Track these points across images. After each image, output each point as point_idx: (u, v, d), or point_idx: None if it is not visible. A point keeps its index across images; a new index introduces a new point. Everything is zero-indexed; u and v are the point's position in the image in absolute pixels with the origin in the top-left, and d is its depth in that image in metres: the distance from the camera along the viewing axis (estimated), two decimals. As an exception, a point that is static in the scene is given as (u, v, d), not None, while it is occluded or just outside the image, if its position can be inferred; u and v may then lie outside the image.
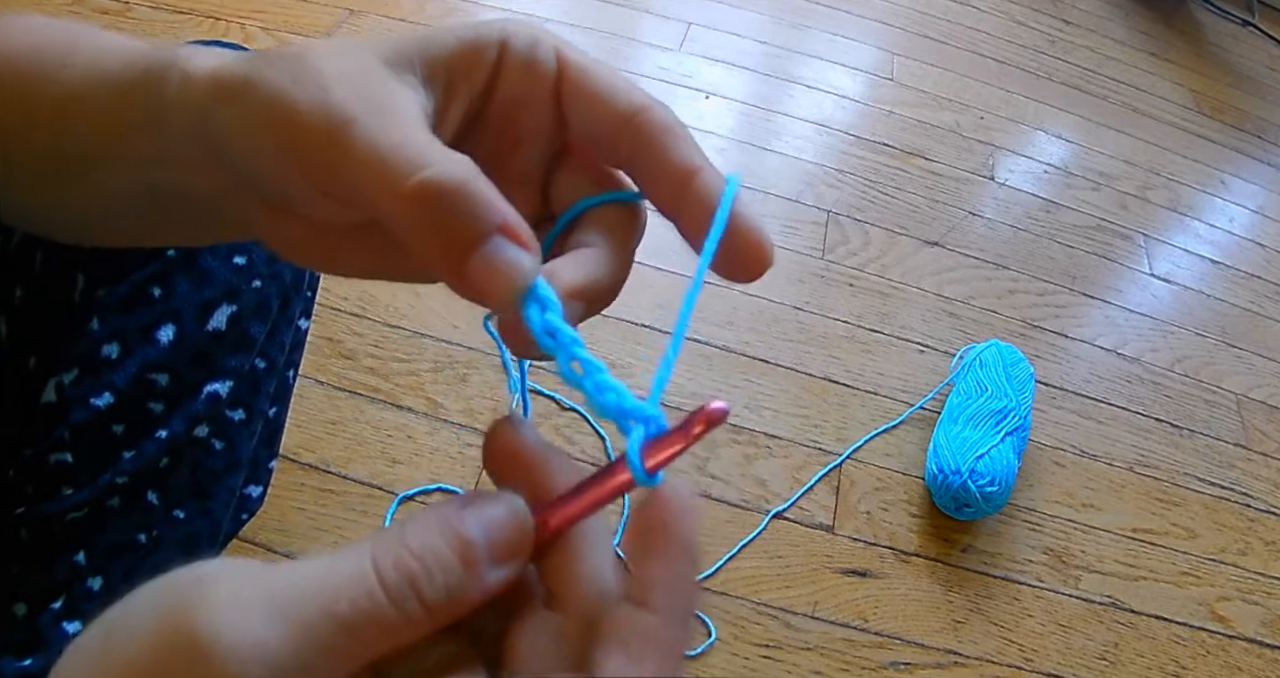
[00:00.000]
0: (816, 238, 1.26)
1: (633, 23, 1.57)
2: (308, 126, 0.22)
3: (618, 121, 0.25)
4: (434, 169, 0.21)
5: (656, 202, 0.25)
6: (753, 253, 0.24)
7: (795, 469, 0.98)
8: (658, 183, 0.25)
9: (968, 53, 1.76)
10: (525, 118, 0.26)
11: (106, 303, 0.44)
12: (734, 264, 0.25)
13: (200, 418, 0.48)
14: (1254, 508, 1.10)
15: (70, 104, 0.27)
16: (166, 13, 1.33)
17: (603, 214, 0.26)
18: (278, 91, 0.22)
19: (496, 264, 0.21)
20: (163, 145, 0.26)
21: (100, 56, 0.27)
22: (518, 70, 0.25)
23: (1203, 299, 1.38)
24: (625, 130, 0.25)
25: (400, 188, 0.21)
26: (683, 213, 0.25)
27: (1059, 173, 1.53)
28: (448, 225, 0.21)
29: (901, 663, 0.86)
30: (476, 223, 0.21)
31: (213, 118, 0.24)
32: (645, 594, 0.21)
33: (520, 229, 0.22)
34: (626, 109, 0.25)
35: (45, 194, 0.31)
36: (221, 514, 0.52)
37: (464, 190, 0.21)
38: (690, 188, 0.24)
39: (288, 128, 0.22)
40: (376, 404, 0.93)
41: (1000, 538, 0.98)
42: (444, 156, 0.21)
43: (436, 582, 0.19)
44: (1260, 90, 1.98)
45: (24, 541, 0.44)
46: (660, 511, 0.22)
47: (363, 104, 0.22)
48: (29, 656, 0.43)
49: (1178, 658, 0.93)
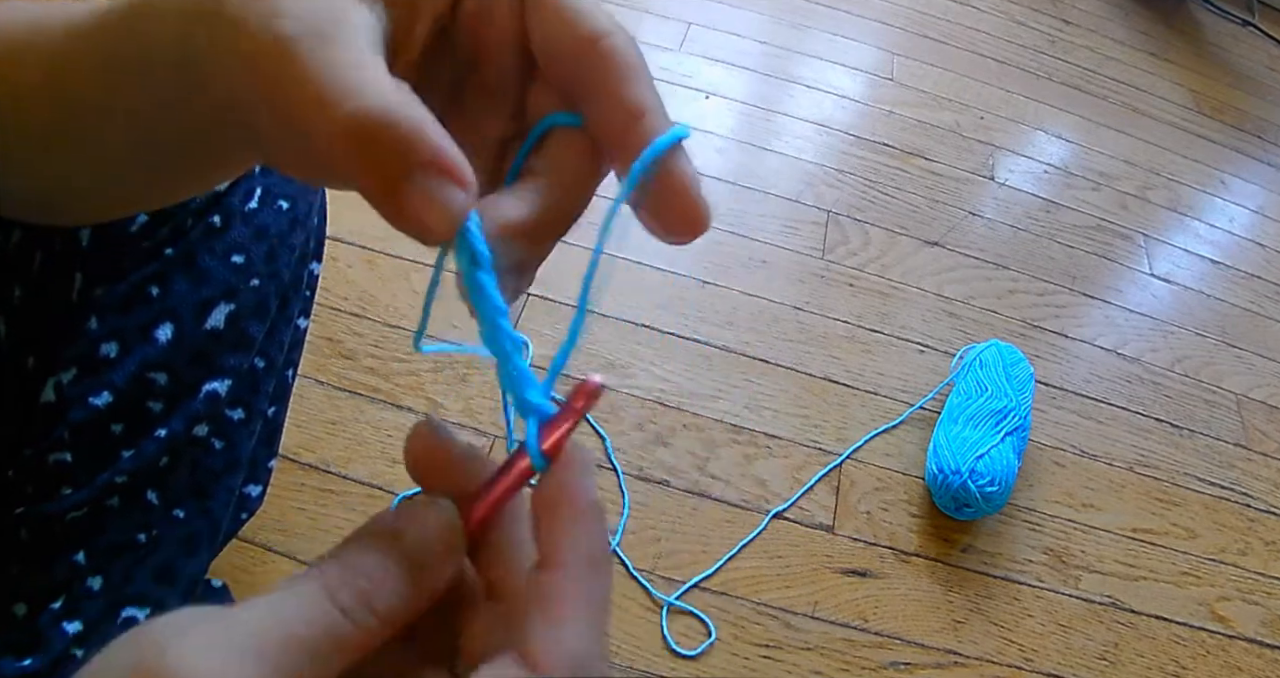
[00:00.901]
0: (816, 238, 1.26)
1: (633, 23, 1.57)
2: (259, 50, 0.21)
3: (577, 44, 0.23)
4: (365, 99, 0.20)
5: (598, 135, 0.24)
6: (685, 210, 0.23)
7: (795, 469, 0.98)
8: (604, 116, 0.23)
9: (968, 53, 1.76)
10: (490, 29, 0.24)
11: (105, 302, 0.44)
12: (664, 219, 0.23)
13: (199, 417, 0.48)
14: (1254, 508, 1.09)
15: (58, 67, 0.27)
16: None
17: (562, 138, 0.24)
18: (239, 12, 0.21)
19: (425, 199, 0.20)
20: (154, 83, 0.25)
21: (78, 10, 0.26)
22: None
23: (1203, 299, 1.38)
24: (583, 55, 0.23)
25: (333, 116, 0.20)
26: (621, 152, 0.23)
27: (1059, 173, 1.53)
28: (378, 157, 0.20)
29: (901, 663, 0.86)
30: (407, 155, 0.20)
31: (192, 41, 0.23)
32: (551, 556, 0.21)
33: (454, 162, 0.21)
34: (588, 33, 0.23)
35: (50, 165, 0.30)
36: (221, 514, 0.52)
37: (392, 119, 0.20)
38: (634, 128, 0.23)
39: (245, 51, 0.21)
40: (376, 404, 0.93)
41: (1000, 538, 0.98)
42: (378, 85, 0.20)
43: (385, 591, 0.20)
44: (1260, 90, 1.98)
45: (24, 540, 0.44)
46: (556, 474, 0.22)
47: (308, 25, 0.21)
48: (29, 656, 0.43)
49: (1178, 658, 0.93)
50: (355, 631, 0.19)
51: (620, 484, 0.92)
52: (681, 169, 0.23)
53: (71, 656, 0.44)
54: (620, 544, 0.88)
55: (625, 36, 0.23)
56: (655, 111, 0.23)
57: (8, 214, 0.34)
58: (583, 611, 0.21)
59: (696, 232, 0.23)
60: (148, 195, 0.33)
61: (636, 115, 0.23)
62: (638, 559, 0.87)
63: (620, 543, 0.88)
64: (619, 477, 0.93)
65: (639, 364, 1.03)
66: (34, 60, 0.27)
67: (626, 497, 0.91)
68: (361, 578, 0.20)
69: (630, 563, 0.87)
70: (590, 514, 0.22)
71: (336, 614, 0.19)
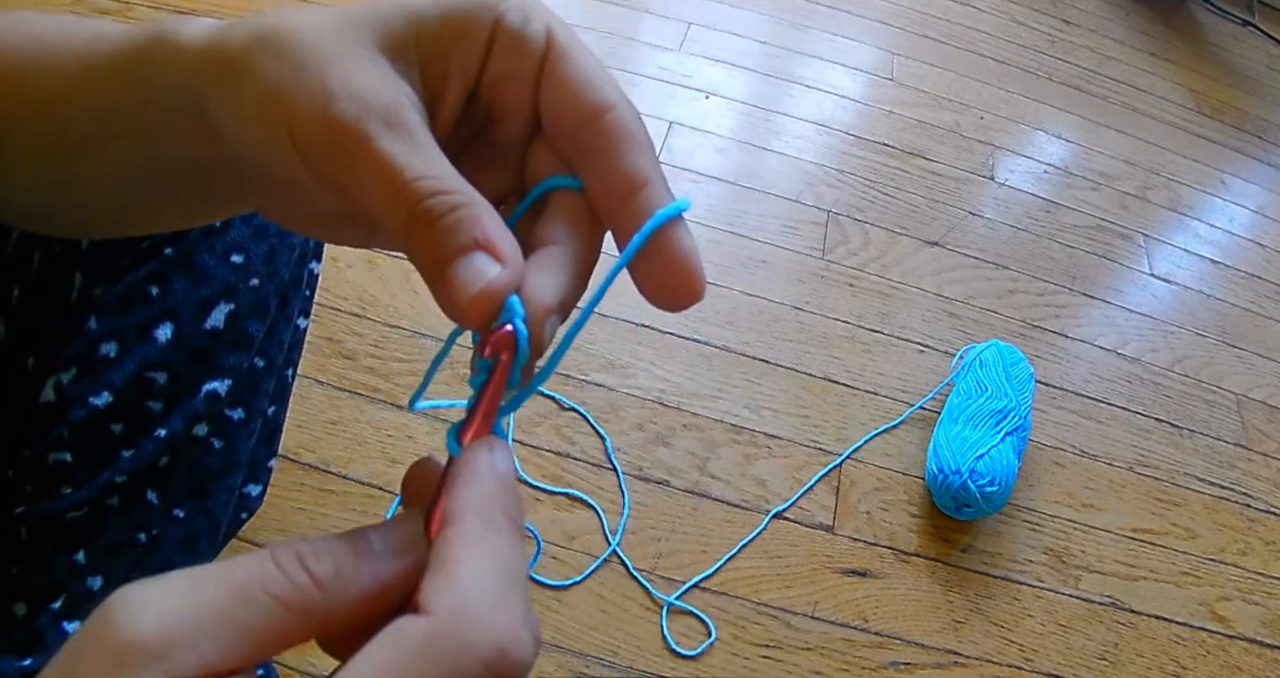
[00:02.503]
0: (816, 238, 1.26)
1: (633, 23, 1.57)
2: (309, 130, 0.22)
3: (585, 114, 0.24)
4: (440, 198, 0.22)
5: (597, 201, 0.24)
6: (684, 284, 0.24)
7: (795, 469, 0.98)
8: (605, 183, 0.24)
9: (968, 53, 1.76)
10: (510, 93, 0.25)
11: (104, 302, 0.44)
12: (663, 290, 0.24)
13: (199, 417, 0.48)
14: (1254, 508, 1.09)
15: (68, 89, 0.27)
16: (166, 12, 1.33)
17: (569, 203, 0.25)
18: (275, 84, 0.22)
19: (466, 273, 0.22)
20: (160, 120, 0.26)
21: (93, 42, 0.27)
22: (508, 46, 0.24)
23: (1203, 299, 1.38)
24: (589, 124, 0.24)
25: (406, 208, 0.22)
26: (619, 220, 0.24)
27: (1059, 173, 1.53)
28: (437, 240, 0.22)
29: (901, 663, 0.86)
30: (461, 237, 0.22)
31: (206, 98, 0.24)
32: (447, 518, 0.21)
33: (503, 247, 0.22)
34: (596, 104, 0.24)
35: (50, 181, 0.31)
36: (221, 513, 0.52)
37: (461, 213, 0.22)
38: (634, 197, 0.23)
39: (286, 125, 0.22)
40: (376, 404, 0.93)
41: (1000, 538, 0.98)
42: (452, 183, 0.22)
43: (323, 558, 0.20)
44: (1260, 90, 1.98)
45: (24, 540, 0.44)
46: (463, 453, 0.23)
47: (366, 108, 0.22)
48: (29, 656, 0.43)
49: (1178, 658, 0.93)
50: (288, 585, 0.20)
51: (620, 484, 0.92)
52: (682, 243, 0.23)
53: (71, 655, 0.44)
54: (620, 544, 0.88)
55: (631, 110, 0.24)
56: (656, 183, 0.24)
57: (12, 222, 0.34)
58: (471, 561, 0.20)
59: (691, 302, 0.24)
60: (146, 222, 0.34)
61: (638, 185, 0.23)
62: (638, 559, 0.87)
63: (620, 543, 0.88)
64: (619, 477, 0.93)
65: (639, 364, 1.03)
66: (45, 82, 0.28)
67: (626, 497, 0.91)
68: (303, 545, 0.21)
69: (630, 563, 0.87)
70: (484, 477, 0.22)
71: (271, 566, 0.20)
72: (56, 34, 0.28)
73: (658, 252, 0.23)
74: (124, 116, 0.27)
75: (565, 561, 0.86)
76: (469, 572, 0.20)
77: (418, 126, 0.22)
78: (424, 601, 0.20)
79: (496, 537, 0.21)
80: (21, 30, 0.29)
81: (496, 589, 0.20)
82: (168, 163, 0.28)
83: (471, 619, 0.19)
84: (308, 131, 0.22)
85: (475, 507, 0.21)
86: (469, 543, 0.21)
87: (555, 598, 0.83)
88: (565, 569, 0.85)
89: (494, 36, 0.24)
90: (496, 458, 0.23)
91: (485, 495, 0.22)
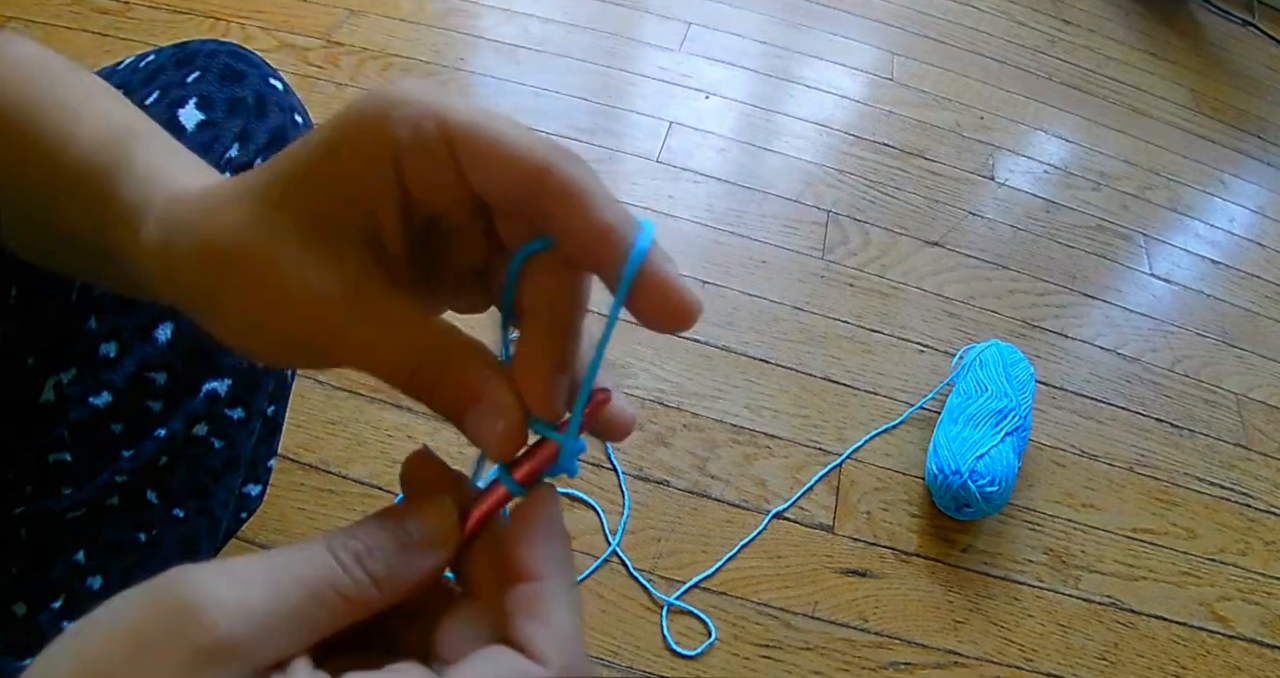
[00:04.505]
0: (816, 238, 1.26)
1: (633, 23, 1.57)
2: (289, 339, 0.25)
3: (522, 182, 0.23)
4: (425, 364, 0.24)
5: (574, 255, 0.25)
6: (677, 306, 0.25)
7: (795, 469, 0.98)
8: (575, 238, 0.24)
9: (968, 53, 1.76)
10: (439, 196, 0.25)
11: (104, 302, 0.44)
12: (659, 317, 0.25)
13: (199, 416, 0.48)
14: (1254, 508, 1.09)
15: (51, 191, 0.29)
16: (166, 12, 1.33)
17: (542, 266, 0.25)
18: (243, 308, 0.25)
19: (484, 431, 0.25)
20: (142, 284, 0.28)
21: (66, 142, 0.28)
22: (415, 162, 0.24)
23: (1203, 299, 1.38)
24: (531, 191, 0.23)
25: (403, 382, 0.25)
26: (600, 267, 0.25)
27: (1059, 173, 1.53)
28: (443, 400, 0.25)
29: (901, 663, 0.86)
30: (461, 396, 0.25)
31: (188, 303, 0.26)
32: (535, 568, 0.24)
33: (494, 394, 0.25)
34: (527, 169, 0.23)
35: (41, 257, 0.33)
36: (221, 513, 0.52)
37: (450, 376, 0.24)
38: (606, 244, 0.24)
39: (267, 336, 0.25)
40: (376, 404, 0.93)
41: (1000, 538, 0.98)
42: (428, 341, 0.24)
43: (377, 557, 0.23)
44: (1260, 90, 1.98)
45: (23, 540, 0.44)
46: (535, 501, 0.25)
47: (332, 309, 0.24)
48: (29, 655, 0.43)
49: (1178, 658, 0.93)
50: (352, 585, 0.22)
51: (620, 484, 0.92)
52: (664, 271, 0.24)
53: (71, 655, 0.44)
54: (620, 544, 0.88)
55: (566, 156, 0.24)
56: (623, 223, 0.24)
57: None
58: (568, 614, 0.23)
59: (689, 323, 0.25)
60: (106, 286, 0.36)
61: (607, 232, 0.24)
62: (638, 559, 0.87)
63: (620, 543, 0.88)
64: (619, 477, 0.93)
65: (639, 364, 1.03)
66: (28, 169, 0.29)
67: (626, 497, 0.91)
68: (358, 542, 0.22)
69: (630, 563, 0.87)
70: (563, 536, 0.25)
71: (336, 567, 0.22)
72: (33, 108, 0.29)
73: (645, 286, 0.24)
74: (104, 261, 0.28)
75: (565, 560, 0.86)
76: (570, 629, 0.23)
77: (372, 296, 0.24)
78: (535, 648, 0.22)
79: (574, 592, 0.24)
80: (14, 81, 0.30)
81: (581, 643, 0.23)
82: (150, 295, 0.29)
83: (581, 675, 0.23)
84: (289, 338, 0.25)
85: (559, 563, 0.24)
86: (561, 599, 0.23)
87: (555, 598, 0.83)
88: (565, 569, 0.85)
89: (398, 162, 0.24)
90: (559, 510, 0.25)
91: (564, 553, 0.25)
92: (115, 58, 0.51)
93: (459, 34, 1.45)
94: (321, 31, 1.38)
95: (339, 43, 1.37)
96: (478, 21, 1.49)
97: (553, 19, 1.52)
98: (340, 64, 1.33)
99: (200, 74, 0.47)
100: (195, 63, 0.48)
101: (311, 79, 1.29)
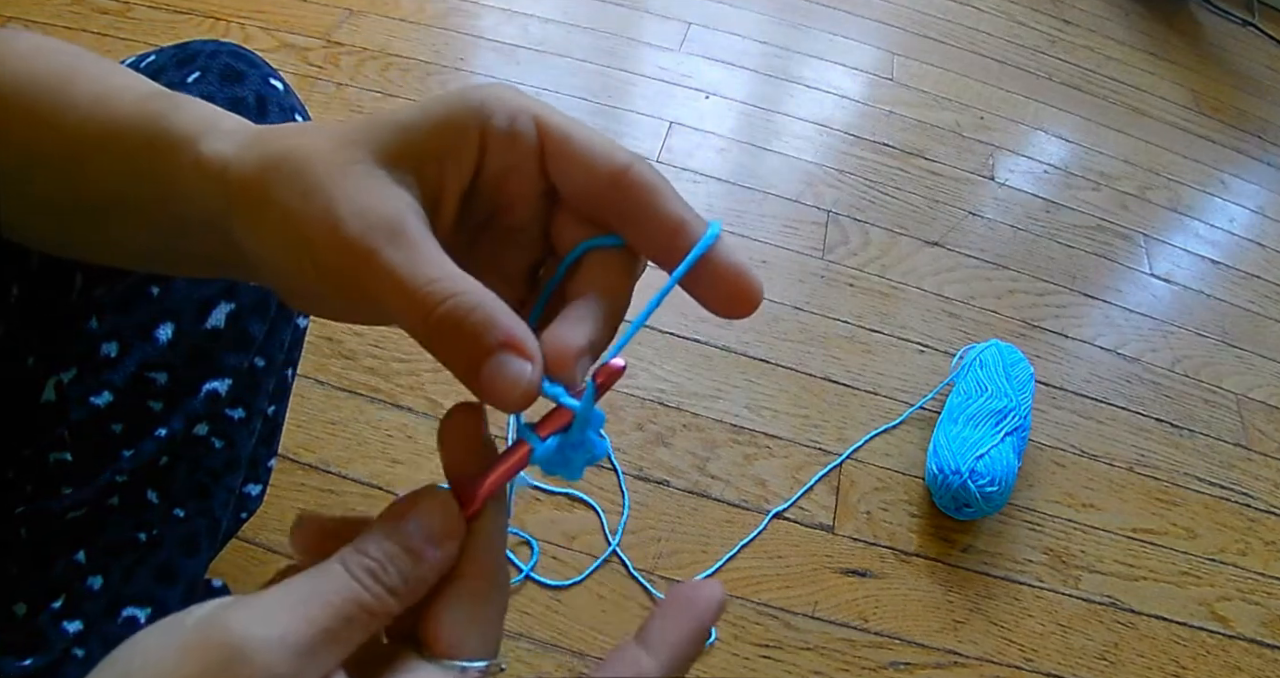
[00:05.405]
0: (816, 238, 1.26)
1: (633, 23, 1.57)
2: (323, 252, 0.24)
3: (604, 182, 0.26)
4: (451, 301, 0.24)
5: (648, 253, 0.27)
6: (743, 291, 0.26)
7: (795, 469, 0.98)
8: (648, 237, 0.27)
9: (968, 53, 1.76)
10: (514, 184, 0.27)
11: (105, 301, 0.44)
12: (724, 300, 0.27)
13: (199, 416, 0.48)
14: (1254, 508, 1.09)
15: (79, 154, 0.29)
16: (166, 12, 1.33)
17: (599, 259, 0.27)
18: (289, 212, 0.25)
19: (503, 376, 0.24)
20: (179, 222, 0.28)
21: (97, 105, 0.29)
22: (501, 145, 0.26)
23: (1203, 299, 1.38)
24: (612, 189, 0.26)
25: (422, 317, 0.24)
26: (674, 258, 0.26)
27: (1059, 173, 1.53)
28: (460, 344, 0.24)
29: (901, 663, 0.86)
30: (484, 341, 0.24)
31: (229, 221, 0.26)
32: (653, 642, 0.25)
33: (524, 343, 0.24)
34: (611, 170, 0.26)
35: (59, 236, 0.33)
36: (221, 513, 0.52)
37: (467, 310, 0.24)
38: (679, 237, 0.26)
39: (304, 249, 0.25)
40: (376, 404, 0.93)
41: (1000, 538, 0.98)
42: (459, 285, 0.24)
43: (391, 571, 0.23)
44: (1260, 90, 1.98)
45: (24, 539, 0.44)
46: (690, 589, 0.26)
47: (376, 232, 0.24)
48: (29, 656, 0.43)
49: (1178, 658, 0.93)
50: (373, 600, 0.23)
51: (620, 484, 0.92)
52: (732, 257, 0.26)
53: (72, 655, 0.44)
54: (620, 544, 0.88)
55: (644, 162, 0.27)
56: (693, 221, 0.26)
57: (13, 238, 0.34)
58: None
59: (753, 306, 0.27)
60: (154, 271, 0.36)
61: (678, 226, 0.26)
62: (638, 559, 0.87)
63: (620, 543, 0.88)
64: (619, 477, 0.93)
65: (639, 364, 1.03)
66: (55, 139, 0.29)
67: (626, 497, 0.91)
68: (369, 559, 0.23)
69: (630, 563, 0.87)
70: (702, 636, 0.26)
71: (356, 585, 0.23)
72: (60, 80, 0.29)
73: (714, 270, 0.26)
74: (139, 206, 0.29)
75: (565, 561, 0.86)
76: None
77: (419, 233, 0.25)
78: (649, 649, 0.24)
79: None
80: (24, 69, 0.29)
81: None
82: (185, 253, 0.30)
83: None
84: (323, 254, 0.24)
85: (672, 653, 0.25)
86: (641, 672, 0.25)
87: (555, 598, 0.83)
88: (565, 569, 0.85)
89: (485, 141, 0.26)
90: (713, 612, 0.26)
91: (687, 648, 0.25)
92: (115, 58, 0.51)
93: (459, 34, 1.45)
94: (321, 31, 1.38)
95: (339, 43, 1.37)
96: (478, 21, 1.49)
97: (553, 19, 1.52)
98: (340, 64, 1.33)
99: (201, 74, 0.47)
100: (196, 63, 0.48)
101: (311, 79, 1.29)
